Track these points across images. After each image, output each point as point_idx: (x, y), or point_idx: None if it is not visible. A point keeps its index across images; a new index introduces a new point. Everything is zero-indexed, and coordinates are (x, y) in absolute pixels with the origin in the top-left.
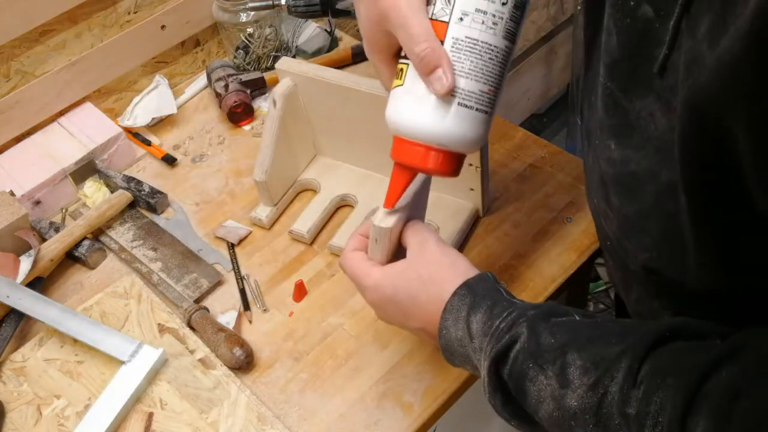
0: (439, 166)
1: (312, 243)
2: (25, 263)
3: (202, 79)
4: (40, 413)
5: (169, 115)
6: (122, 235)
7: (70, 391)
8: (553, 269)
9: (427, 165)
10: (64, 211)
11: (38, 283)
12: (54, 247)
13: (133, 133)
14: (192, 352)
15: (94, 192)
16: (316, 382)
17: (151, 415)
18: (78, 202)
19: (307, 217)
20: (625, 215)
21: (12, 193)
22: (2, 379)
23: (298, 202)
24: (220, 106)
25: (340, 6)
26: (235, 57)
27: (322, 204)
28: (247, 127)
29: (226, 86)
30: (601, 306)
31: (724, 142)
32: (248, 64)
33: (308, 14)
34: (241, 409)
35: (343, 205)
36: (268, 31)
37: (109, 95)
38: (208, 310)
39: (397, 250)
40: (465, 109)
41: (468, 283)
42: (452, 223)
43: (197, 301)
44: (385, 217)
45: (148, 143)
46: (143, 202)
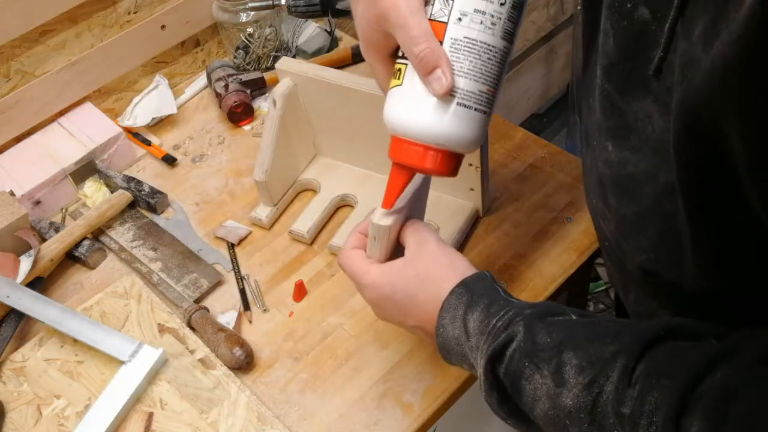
0: (438, 166)
1: (312, 243)
2: (25, 263)
3: (202, 79)
4: (40, 413)
5: (169, 115)
6: (122, 235)
7: (70, 391)
8: (553, 269)
9: (425, 165)
10: (64, 211)
11: (38, 283)
12: (54, 247)
13: (133, 133)
14: (192, 352)
15: (94, 192)
16: (316, 382)
17: (151, 415)
18: (78, 202)
19: (307, 217)
20: (622, 216)
21: (12, 193)
22: (2, 379)
23: (298, 202)
24: (220, 106)
25: (340, 6)
26: (235, 57)
27: (322, 204)
28: (247, 127)
29: (226, 86)
30: (601, 306)
31: (719, 145)
32: (248, 64)
33: (308, 14)
34: (241, 409)
35: (343, 205)
36: (268, 31)
37: (109, 95)
38: (208, 310)
39: (396, 249)
40: (464, 109)
41: (465, 282)
42: (452, 223)
43: (197, 301)
44: (384, 216)
45: (148, 143)
46: (143, 202)
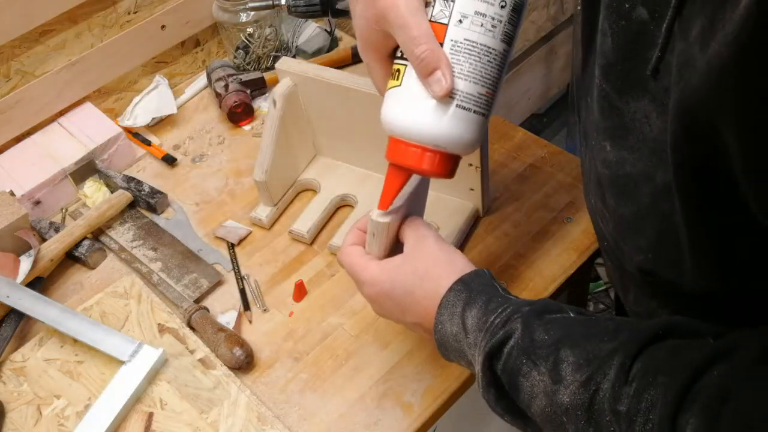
0: (435, 168)
1: (312, 243)
2: (25, 263)
3: (202, 79)
4: (40, 413)
5: (169, 115)
6: (122, 235)
7: (70, 391)
8: (553, 269)
9: (423, 166)
10: (64, 211)
11: (38, 283)
12: (54, 247)
13: (133, 133)
14: (192, 352)
15: (94, 192)
16: (316, 382)
17: (151, 415)
18: (78, 202)
19: (307, 217)
20: (621, 216)
21: (12, 193)
22: (2, 379)
23: (298, 202)
24: (220, 106)
25: (340, 6)
26: (235, 57)
27: (322, 204)
28: (247, 127)
29: (226, 86)
30: (601, 306)
31: (716, 145)
32: (248, 64)
33: (308, 14)
34: (241, 409)
35: (343, 205)
36: (268, 31)
37: (109, 95)
38: (208, 310)
39: (395, 246)
40: (463, 111)
41: (464, 279)
42: (452, 223)
43: (197, 301)
44: (383, 213)
45: (148, 143)
46: (143, 202)
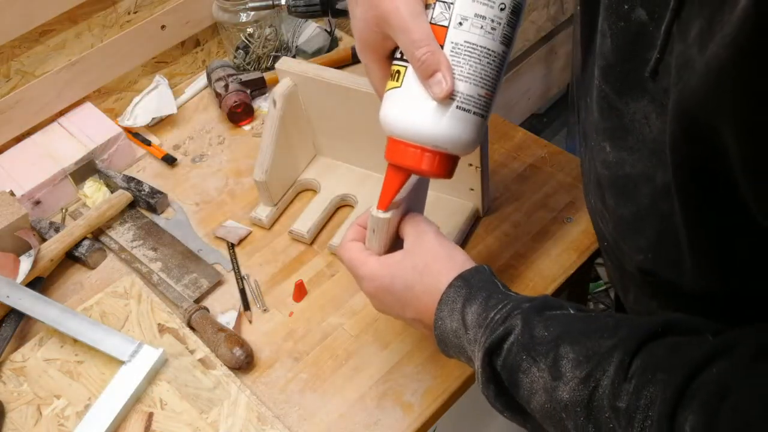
0: (434, 168)
1: (312, 243)
2: (25, 263)
3: (202, 79)
4: (40, 413)
5: (169, 115)
6: (122, 235)
7: (70, 391)
8: (553, 269)
9: (422, 166)
10: (64, 211)
11: (38, 283)
12: (54, 247)
13: (133, 133)
14: (192, 352)
15: (94, 192)
16: (316, 382)
17: (151, 415)
18: (78, 202)
19: (307, 217)
20: (620, 216)
21: (12, 193)
22: (2, 379)
23: (298, 202)
24: (220, 106)
25: (340, 6)
26: (235, 57)
27: (322, 204)
28: (247, 127)
29: (226, 86)
30: (601, 306)
31: (715, 146)
32: (248, 64)
33: (308, 14)
34: (241, 409)
35: (343, 205)
36: (268, 31)
37: (109, 95)
38: (208, 310)
39: (395, 242)
40: (463, 113)
41: (464, 275)
42: (452, 223)
43: (197, 301)
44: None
45: (148, 143)
46: (143, 202)
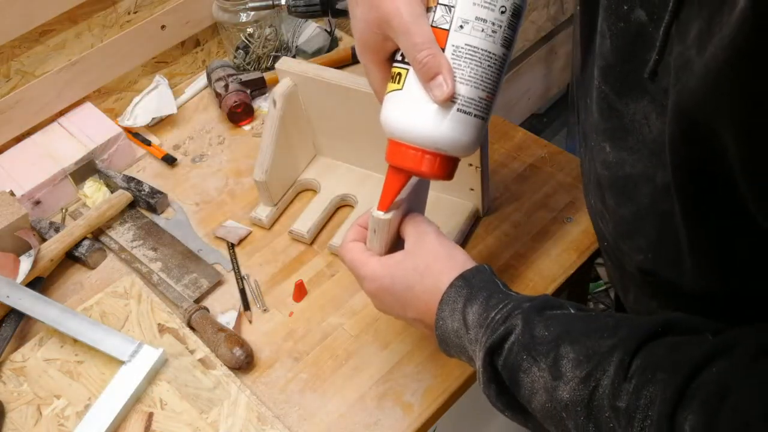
0: (435, 170)
1: (312, 243)
2: (25, 263)
3: (202, 79)
4: (40, 413)
5: (169, 115)
6: (122, 235)
7: (70, 391)
8: (553, 269)
9: (423, 168)
10: (64, 211)
11: (38, 283)
12: (54, 247)
13: (133, 133)
14: (192, 352)
15: (94, 192)
16: (316, 382)
17: (151, 415)
18: (78, 202)
19: (307, 217)
20: (620, 217)
21: (12, 193)
22: (2, 379)
23: (298, 202)
24: (220, 106)
25: (340, 6)
26: (235, 57)
27: (322, 204)
28: (247, 127)
29: (226, 86)
30: (601, 306)
31: (714, 147)
32: (248, 64)
33: (308, 14)
34: (241, 409)
35: (343, 205)
36: (268, 31)
37: (109, 95)
38: (208, 310)
39: (396, 242)
40: (463, 115)
41: (464, 275)
42: (452, 223)
43: (197, 301)
44: None
45: (148, 143)
46: (143, 202)
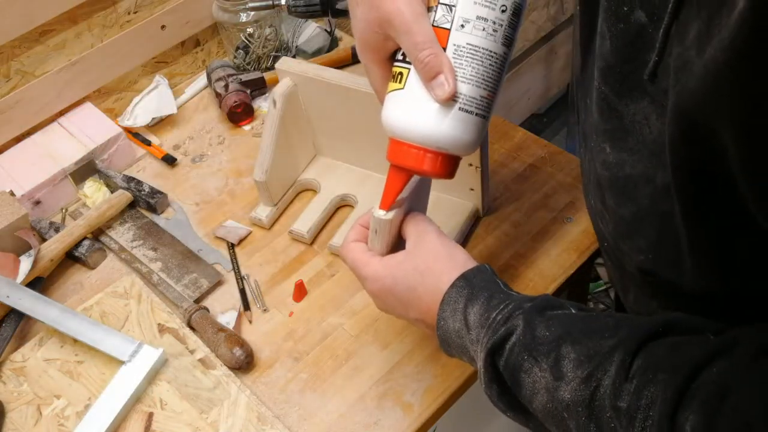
0: (436, 169)
1: (312, 243)
2: (25, 263)
3: (202, 79)
4: (40, 413)
5: (169, 115)
6: (122, 235)
7: (70, 391)
8: (553, 269)
9: (424, 167)
10: (64, 211)
11: (38, 283)
12: (54, 247)
13: (133, 133)
14: (192, 352)
15: (94, 192)
16: (316, 382)
17: (151, 415)
18: (78, 202)
19: (307, 217)
20: (620, 217)
21: (12, 193)
22: (2, 379)
23: (298, 202)
24: (220, 106)
25: (340, 6)
26: (235, 57)
27: (322, 204)
28: (247, 127)
29: (226, 86)
30: (601, 306)
31: (714, 148)
32: (248, 64)
33: (308, 14)
34: (241, 409)
35: (343, 205)
36: (268, 31)
37: (109, 95)
38: (208, 310)
39: (397, 242)
40: (465, 114)
41: (465, 275)
42: (452, 223)
43: (197, 301)
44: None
45: (148, 143)
46: (143, 202)
